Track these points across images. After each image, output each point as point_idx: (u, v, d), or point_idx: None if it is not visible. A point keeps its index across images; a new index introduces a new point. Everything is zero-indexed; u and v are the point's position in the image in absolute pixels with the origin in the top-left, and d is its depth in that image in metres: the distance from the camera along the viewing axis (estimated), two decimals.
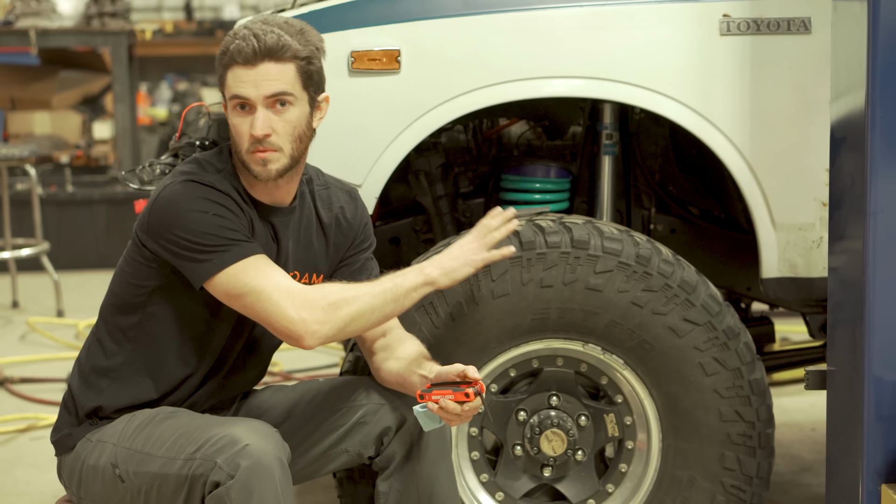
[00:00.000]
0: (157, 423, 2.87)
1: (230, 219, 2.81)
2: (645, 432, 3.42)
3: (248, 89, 2.81)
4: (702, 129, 3.41)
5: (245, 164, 2.87)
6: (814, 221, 3.43)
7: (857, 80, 2.88)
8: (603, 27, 3.40)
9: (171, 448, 2.79)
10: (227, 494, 2.68)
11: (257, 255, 2.81)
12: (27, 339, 6.62)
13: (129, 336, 2.94)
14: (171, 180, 2.87)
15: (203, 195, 2.81)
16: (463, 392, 2.78)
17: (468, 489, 3.42)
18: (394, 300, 2.88)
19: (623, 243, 3.30)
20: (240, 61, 2.81)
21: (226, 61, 2.83)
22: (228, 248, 2.79)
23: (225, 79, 2.84)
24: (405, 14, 3.40)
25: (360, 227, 3.09)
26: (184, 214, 2.80)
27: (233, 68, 2.82)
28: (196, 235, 2.79)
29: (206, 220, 2.79)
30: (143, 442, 2.84)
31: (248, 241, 2.82)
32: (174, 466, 2.76)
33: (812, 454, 4.64)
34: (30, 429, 5.09)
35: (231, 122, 2.86)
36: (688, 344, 3.32)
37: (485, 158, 3.84)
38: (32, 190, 7.17)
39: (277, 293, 2.78)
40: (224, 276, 2.79)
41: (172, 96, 10.64)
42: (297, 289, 2.80)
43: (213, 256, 2.79)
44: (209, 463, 2.71)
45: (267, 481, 2.69)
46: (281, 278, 2.81)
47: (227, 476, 2.68)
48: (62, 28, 8.44)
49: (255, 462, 2.68)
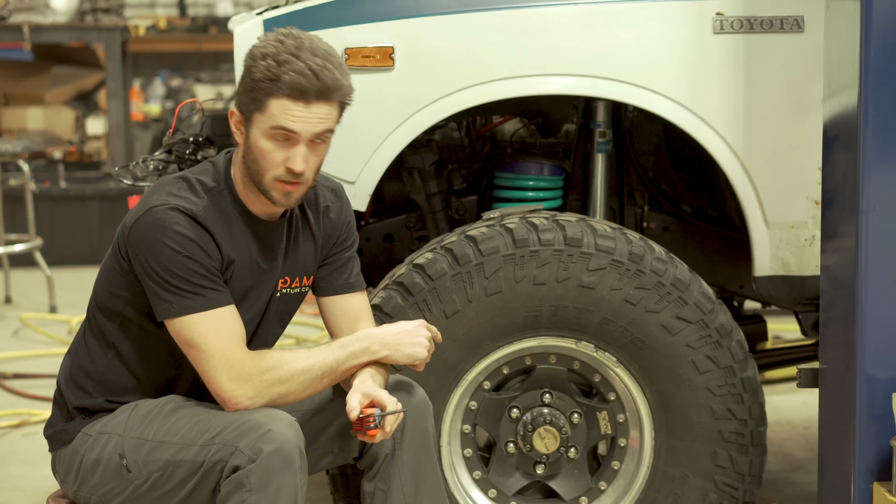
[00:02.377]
0: (168, 412, 2.87)
1: (201, 261, 2.80)
2: (637, 430, 3.42)
3: (297, 125, 2.79)
4: (695, 127, 3.41)
5: (264, 189, 2.86)
6: (806, 220, 3.44)
7: (850, 78, 2.88)
8: (596, 25, 3.40)
9: (186, 434, 2.80)
10: (246, 478, 2.69)
11: (217, 308, 2.81)
12: (20, 335, 6.61)
13: (110, 341, 2.95)
14: (157, 200, 2.83)
15: (181, 230, 2.80)
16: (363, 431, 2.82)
17: (461, 486, 3.42)
18: (331, 376, 2.87)
19: (616, 241, 3.31)
20: (294, 96, 2.78)
21: (273, 90, 2.78)
22: (190, 296, 2.79)
23: (267, 105, 2.79)
24: (399, 11, 3.40)
25: (344, 226, 3.09)
26: (158, 247, 2.79)
27: (282, 99, 2.78)
28: (164, 272, 2.79)
29: (176, 259, 2.78)
30: (156, 430, 2.84)
31: (214, 288, 2.82)
32: (189, 453, 2.77)
33: (804, 452, 4.65)
34: (22, 424, 5.09)
35: (260, 146, 2.82)
36: (680, 342, 3.32)
37: (478, 156, 3.84)
38: (25, 185, 7.16)
39: (218, 358, 2.79)
40: (179, 321, 2.80)
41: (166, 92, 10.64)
42: (237, 358, 2.79)
43: (175, 299, 2.79)
44: (229, 447, 2.72)
45: (287, 468, 2.71)
46: (227, 343, 2.80)
47: (249, 460, 2.69)
48: (55, 24, 8.43)
49: (278, 448, 2.70)
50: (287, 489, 2.71)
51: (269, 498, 2.70)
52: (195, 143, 3.62)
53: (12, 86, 8.97)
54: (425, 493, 2.99)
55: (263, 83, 2.78)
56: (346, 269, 3.09)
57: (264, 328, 3.02)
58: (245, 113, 2.84)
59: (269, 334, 3.05)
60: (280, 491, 2.70)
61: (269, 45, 2.80)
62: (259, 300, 2.96)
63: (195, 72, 10.86)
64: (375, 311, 3.28)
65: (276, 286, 2.99)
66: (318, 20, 3.39)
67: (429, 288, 3.29)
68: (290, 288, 3.02)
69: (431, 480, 3.00)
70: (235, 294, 2.89)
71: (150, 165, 3.64)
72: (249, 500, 2.69)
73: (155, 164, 3.63)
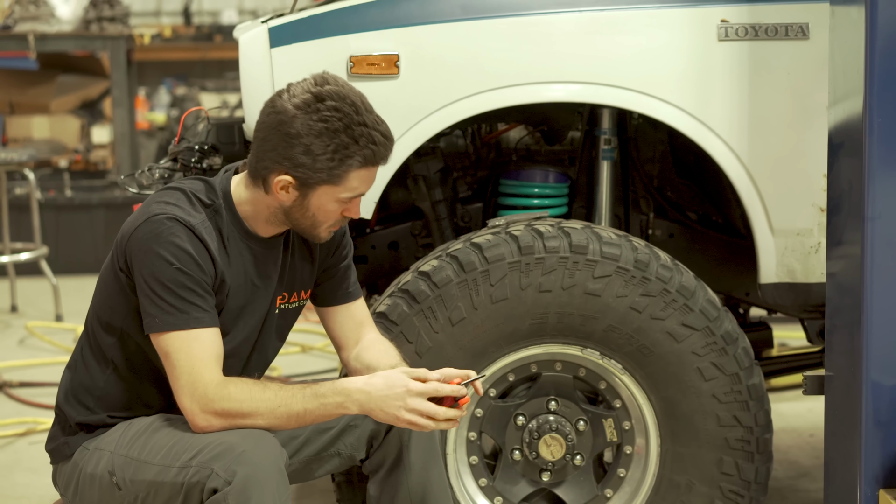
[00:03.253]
0: (153, 430, 2.87)
1: (193, 275, 2.79)
2: (643, 437, 3.42)
3: (366, 188, 2.86)
4: (700, 134, 3.41)
5: (311, 235, 2.90)
6: (812, 227, 3.44)
7: (855, 85, 2.88)
8: (601, 32, 3.40)
9: (166, 456, 2.79)
10: (224, 500, 2.68)
11: (198, 328, 2.79)
12: (26, 343, 6.62)
13: (108, 357, 2.94)
14: (156, 209, 2.82)
15: (178, 241, 2.79)
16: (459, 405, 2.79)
17: (467, 494, 3.42)
18: (297, 422, 2.82)
19: (621, 248, 3.31)
20: (373, 163, 2.81)
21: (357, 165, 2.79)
22: (175, 313, 2.78)
23: (345, 179, 2.80)
24: (404, 19, 3.40)
25: (340, 236, 3.09)
26: (152, 257, 2.78)
27: (362, 170, 2.80)
28: (155, 282, 2.78)
29: (168, 271, 2.77)
30: (140, 450, 2.84)
31: (200, 307, 2.80)
32: (169, 474, 2.76)
33: (810, 459, 4.64)
34: (28, 433, 5.09)
35: (326, 208, 2.84)
36: (686, 349, 3.32)
37: (483, 163, 3.84)
38: (31, 194, 7.17)
39: (185, 378, 2.77)
40: (161, 337, 2.80)
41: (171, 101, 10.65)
42: (203, 381, 2.77)
43: (159, 314, 2.78)
44: (206, 470, 2.71)
45: (264, 487, 2.69)
46: (197, 363, 2.77)
47: (225, 482, 2.68)
48: (61, 32, 8.44)
49: (253, 469, 2.68)
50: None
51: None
52: (200, 152, 3.62)
53: (18, 95, 8.98)
54: (432, 496, 2.99)
55: (343, 161, 2.78)
56: (346, 279, 3.10)
57: (263, 343, 3.01)
58: (305, 181, 2.80)
59: (269, 349, 3.05)
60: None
61: (326, 114, 2.76)
62: (254, 317, 2.96)
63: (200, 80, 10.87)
64: (381, 319, 3.29)
65: (275, 303, 2.99)
66: (323, 28, 3.40)
67: (434, 295, 3.29)
68: (289, 303, 3.03)
69: (438, 483, 3.01)
70: (230, 312, 2.88)
71: (155, 174, 3.64)
72: None
73: (160, 173, 3.63)
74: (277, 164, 2.80)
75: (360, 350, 3.08)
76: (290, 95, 2.79)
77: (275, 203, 2.86)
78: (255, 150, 2.84)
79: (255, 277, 2.93)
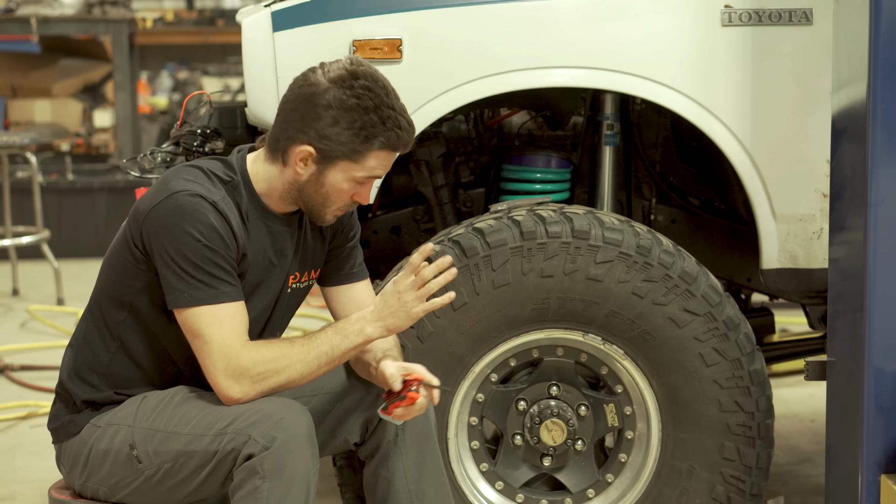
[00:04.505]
0: (178, 402, 2.88)
1: (220, 251, 2.81)
2: (645, 422, 3.42)
3: (383, 171, 2.88)
4: (703, 119, 3.41)
5: (318, 216, 2.92)
6: (814, 212, 3.44)
7: (859, 71, 2.88)
8: (605, 17, 3.40)
9: (197, 425, 2.80)
10: (260, 465, 2.71)
11: (227, 302, 2.82)
12: (27, 327, 6.62)
13: (115, 334, 2.94)
14: (177, 185, 2.83)
15: (204, 217, 2.80)
16: (408, 398, 2.83)
17: (468, 478, 3.43)
18: (328, 363, 2.87)
19: (624, 233, 3.31)
20: (394, 148, 2.84)
21: (379, 145, 2.82)
22: (203, 287, 2.80)
23: (365, 157, 2.83)
24: (407, 3, 3.40)
25: (348, 217, 3.10)
26: (178, 233, 2.79)
27: (382, 151, 2.83)
28: (181, 258, 2.79)
29: (196, 248, 2.79)
30: (167, 421, 2.85)
31: (227, 281, 2.82)
32: (202, 443, 2.78)
33: (811, 445, 4.65)
34: (30, 416, 5.10)
35: (340, 187, 2.86)
36: (688, 334, 3.32)
37: (486, 148, 3.84)
38: (33, 178, 7.17)
39: (218, 352, 2.80)
40: (188, 311, 2.81)
41: (173, 85, 10.63)
42: (235, 352, 2.80)
43: (187, 289, 2.80)
44: (242, 436, 2.73)
45: (300, 456, 2.73)
46: (229, 337, 2.81)
47: (263, 448, 2.71)
48: (63, 16, 8.43)
49: (291, 436, 2.72)
50: (300, 476, 2.73)
51: (283, 485, 2.71)
52: (203, 136, 3.62)
53: (20, 78, 8.97)
54: (428, 480, 2.99)
55: (368, 139, 2.81)
56: (351, 259, 3.10)
57: (274, 322, 3.03)
58: (326, 154, 2.83)
59: (278, 328, 3.07)
60: (293, 478, 2.72)
61: (359, 90, 2.80)
62: (268, 294, 2.97)
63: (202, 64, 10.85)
64: None
65: (287, 282, 3.00)
66: (327, 12, 3.39)
67: None
68: (300, 282, 3.04)
69: (434, 467, 3.01)
70: (246, 288, 2.90)
71: (157, 157, 3.64)
72: (263, 487, 2.71)
73: (162, 157, 3.63)
74: (301, 133, 2.83)
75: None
76: (325, 71, 2.84)
77: (291, 177, 2.88)
78: (280, 122, 2.88)
79: (272, 255, 2.94)
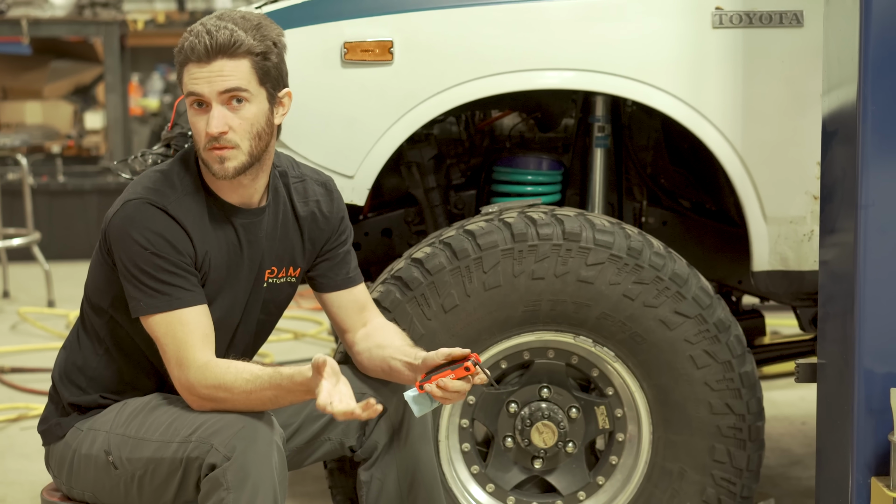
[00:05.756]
0: (150, 409, 2.87)
1: (169, 257, 2.80)
2: (635, 424, 3.42)
3: (202, 86, 2.79)
4: (694, 121, 3.41)
5: (204, 163, 2.85)
6: (805, 215, 3.44)
7: (849, 73, 2.88)
8: (595, 19, 3.40)
9: (165, 432, 2.80)
10: (223, 476, 2.69)
11: (182, 308, 2.81)
12: (18, 329, 6.61)
13: (101, 338, 2.95)
14: (132, 193, 2.84)
15: (151, 225, 2.80)
16: (462, 367, 2.77)
17: (459, 481, 3.42)
18: (272, 403, 2.77)
19: (615, 236, 3.31)
20: (193, 59, 2.79)
21: (181, 59, 2.82)
22: (155, 295, 2.80)
23: (182, 77, 2.83)
24: (398, 5, 3.40)
25: (338, 222, 3.08)
26: (129, 242, 2.80)
27: (188, 66, 2.80)
28: (133, 267, 2.80)
29: (144, 256, 2.79)
30: (137, 428, 2.84)
31: (182, 287, 2.81)
32: (168, 450, 2.77)
33: (802, 447, 4.65)
34: (20, 418, 5.08)
35: (190, 120, 2.85)
36: (679, 336, 3.32)
37: (477, 150, 3.84)
38: (24, 180, 7.16)
39: (173, 361, 2.80)
40: (146, 320, 2.82)
41: (164, 87, 10.62)
42: (187, 364, 2.79)
43: (142, 298, 2.81)
44: (205, 445, 2.71)
45: (263, 463, 2.70)
46: (182, 346, 2.79)
47: (224, 458, 2.69)
48: (54, 18, 8.42)
49: (251, 445, 2.69)
50: (265, 486, 2.69)
51: (247, 495, 2.68)
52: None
53: (10, 80, 8.96)
54: (421, 483, 2.99)
55: (176, 57, 2.83)
56: (346, 264, 3.09)
57: (248, 317, 3.00)
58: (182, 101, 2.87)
59: (255, 324, 3.04)
60: (258, 487, 2.68)
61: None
62: (238, 289, 2.95)
63: None
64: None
65: (263, 276, 2.98)
66: (317, 14, 3.39)
67: (427, 282, 3.29)
68: (277, 278, 3.01)
69: (428, 470, 3.01)
70: (213, 285, 2.88)
71: (148, 160, 3.63)
72: (228, 498, 2.68)
73: (153, 159, 3.63)
74: None
75: (368, 331, 3.06)
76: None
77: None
78: None
79: (238, 249, 2.92)
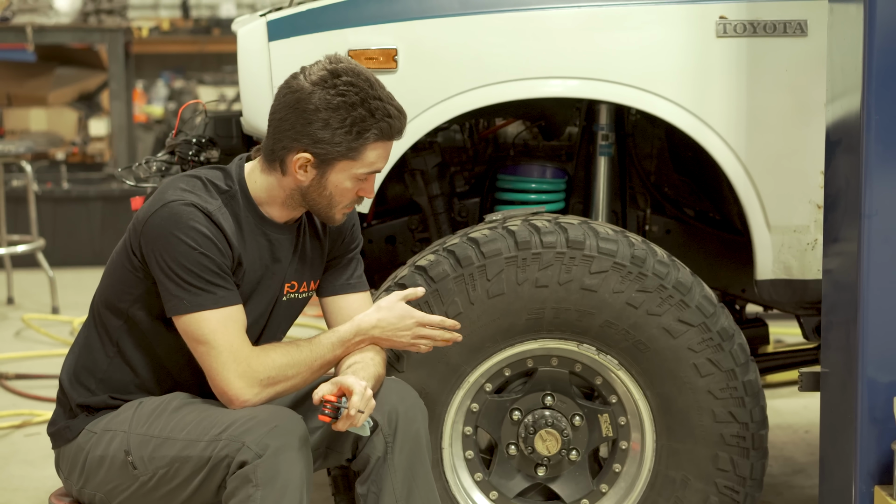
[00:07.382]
0: (173, 409, 2.89)
1: (215, 258, 2.83)
2: (639, 433, 3.42)
3: (382, 164, 2.91)
4: (697, 130, 3.41)
5: (327, 217, 2.95)
6: (808, 223, 3.44)
7: (853, 82, 2.88)
8: (600, 28, 3.40)
9: (192, 431, 2.81)
10: (253, 473, 2.71)
11: (227, 307, 2.85)
12: (22, 336, 6.62)
13: (114, 339, 2.96)
14: (173, 195, 2.86)
15: (197, 226, 2.82)
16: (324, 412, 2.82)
17: (462, 488, 3.42)
18: (330, 366, 2.98)
19: (618, 244, 3.31)
20: (385, 138, 2.87)
21: (373, 138, 2.84)
22: (201, 293, 2.82)
23: (363, 153, 2.85)
24: (402, 13, 3.40)
25: (349, 229, 3.12)
26: (174, 241, 2.82)
27: (379, 142, 2.86)
28: (178, 267, 2.82)
29: (191, 255, 2.81)
30: (162, 427, 2.86)
31: (225, 287, 2.85)
32: (196, 448, 2.79)
33: (805, 456, 4.65)
34: (24, 425, 5.09)
35: (343, 186, 2.89)
36: (682, 345, 3.32)
37: (481, 158, 3.84)
38: (28, 186, 7.17)
39: (227, 355, 2.83)
40: (189, 318, 2.84)
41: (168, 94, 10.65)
42: (244, 355, 2.84)
43: (186, 296, 2.82)
44: (236, 443, 2.74)
45: (294, 464, 2.74)
46: (235, 339, 2.84)
47: (256, 455, 2.72)
48: (59, 25, 8.44)
49: (284, 443, 2.73)
50: (293, 484, 2.74)
51: (276, 493, 2.72)
52: (198, 145, 3.63)
53: (15, 87, 8.98)
54: (417, 497, 2.98)
55: (361, 134, 2.83)
56: (348, 270, 3.11)
57: (270, 329, 3.03)
58: (324, 157, 2.86)
59: (274, 336, 3.07)
60: (286, 486, 2.73)
61: (342, 88, 2.82)
62: (263, 301, 2.98)
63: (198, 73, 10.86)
64: None
65: (283, 290, 3.01)
66: (322, 22, 3.40)
67: (431, 290, 3.29)
68: (298, 293, 3.04)
69: (424, 484, 3.00)
70: (243, 295, 2.92)
71: (152, 167, 3.65)
72: (256, 495, 2.71)
73: (158, 166, 3.64)
74: (296, 142, 2.85)
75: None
76: (306, 75, 2.86)
77: (293, 184, 2.90)
78: (273, 133, 2.89)
79: (269, 262, 2.96)
